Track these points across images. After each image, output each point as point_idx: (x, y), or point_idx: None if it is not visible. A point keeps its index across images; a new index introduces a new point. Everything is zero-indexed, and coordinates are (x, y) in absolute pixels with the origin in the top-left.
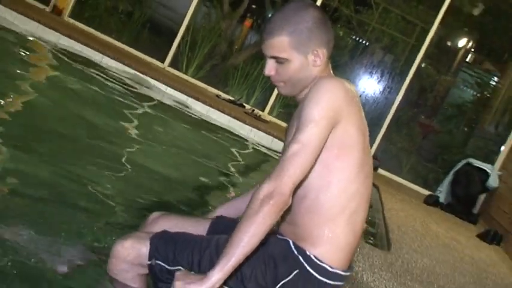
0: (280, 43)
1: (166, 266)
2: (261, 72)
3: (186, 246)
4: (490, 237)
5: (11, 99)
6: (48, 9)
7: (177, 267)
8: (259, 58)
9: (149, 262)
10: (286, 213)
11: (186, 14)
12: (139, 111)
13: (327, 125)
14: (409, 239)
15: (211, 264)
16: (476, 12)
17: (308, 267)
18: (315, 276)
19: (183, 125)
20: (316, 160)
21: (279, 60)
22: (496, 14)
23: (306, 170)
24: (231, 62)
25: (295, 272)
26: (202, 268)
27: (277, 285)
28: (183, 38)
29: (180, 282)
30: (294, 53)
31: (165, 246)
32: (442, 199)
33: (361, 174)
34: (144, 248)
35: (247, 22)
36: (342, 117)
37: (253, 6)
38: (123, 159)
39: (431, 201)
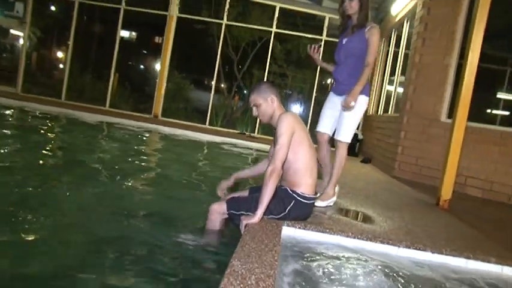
0: (254, 98)
1: (236, 212)
2: (249, 117)
3: (242, 202)
4: (366, 160)
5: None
6: (152, 115)
7: (240, 212)
8: (245, 112)
9: (227, 212)
10: (282, 177)
11: (209, 101)
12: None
13: (289, 134)
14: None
15: (255, 208)
16: None
17: (298, 198)
18: (302, 201)
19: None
20: (289, 150)
21: (257, 105)
22: None
23: (285, 155)
24: (234, 116)
25: (293, 201)
26: (252, 211)
27: (286, 209)
28: (211, 111)
29: (244, 220)
30: (261, 99)
31: (233, 204)
32: None
33: (311, 150)
34: (224, 206)
35: (236, 98)
36: (295, 129)
37: (237, 89)
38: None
39: None
